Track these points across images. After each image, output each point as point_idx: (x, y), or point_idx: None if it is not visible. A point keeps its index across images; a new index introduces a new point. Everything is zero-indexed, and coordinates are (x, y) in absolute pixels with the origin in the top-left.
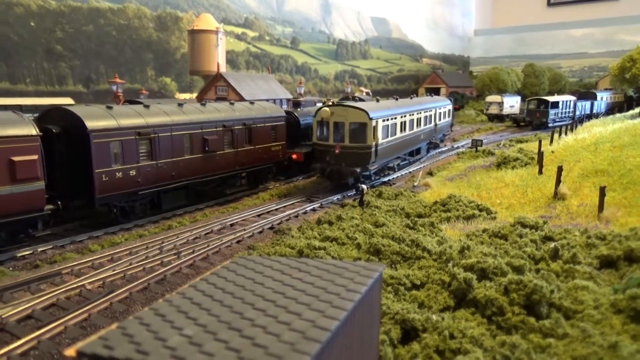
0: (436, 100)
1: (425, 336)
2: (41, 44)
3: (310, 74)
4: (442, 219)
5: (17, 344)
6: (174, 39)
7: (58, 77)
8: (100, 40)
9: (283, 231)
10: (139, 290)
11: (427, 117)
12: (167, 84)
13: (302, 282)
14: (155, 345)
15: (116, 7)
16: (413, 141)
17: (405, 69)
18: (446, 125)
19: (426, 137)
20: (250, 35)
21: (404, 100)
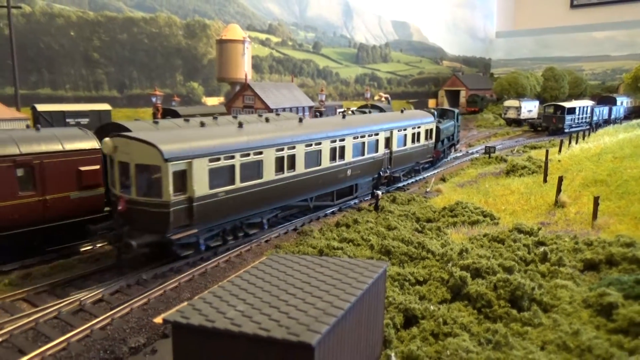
0: (398, 118)
1: (423, 322)
2: (80, 52)
3: (331, 77)
4: (448, 224)
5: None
6: (201, 45)
7: (95, 83)
8: (134, 47)
9: (305, 232)
10: (185, 281)
11: (361, 144)
12: (194, 88)
13: (323, 274)
14: (218, 317)
15: (148, 16)
16: (315, 182)
17: (425, 71)
18: (423, 150)
19: (366, 172)
20: (273, 40)
21: (322, 120)
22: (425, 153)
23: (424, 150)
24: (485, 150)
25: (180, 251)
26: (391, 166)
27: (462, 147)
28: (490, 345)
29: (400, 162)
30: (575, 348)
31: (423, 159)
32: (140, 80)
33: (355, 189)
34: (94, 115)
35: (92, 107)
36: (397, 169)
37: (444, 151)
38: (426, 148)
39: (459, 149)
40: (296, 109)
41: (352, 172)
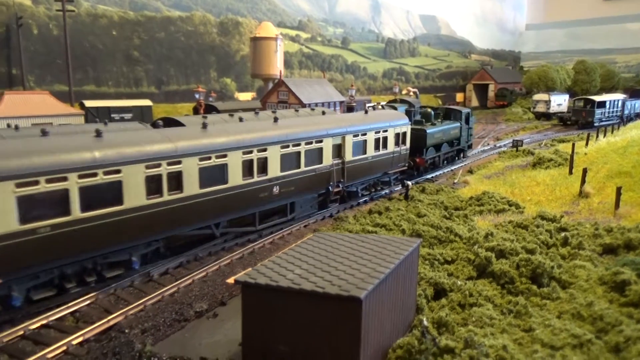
0: (355, 120)
1: (451, 295)
2: (121, 50)
3: (359, 72)
4: (475, 212)
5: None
6: (234, 42)
7: (135, 80)
8: (171, 45)
9: (341, 218)
10: (237, 259)
11: (295, 154)
12: (227, 84)
13: (364, 248)
14: (279, 278)
15: (184, 15)
16: (218, 205)
17: (453, 65)
18: (391, 159)
19: (305, 187)
20: (303, 36)
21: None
22: (396, 161)
23: (392, 159)
24: (513, 143)
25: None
26: (344, 179)
27: (490, 140)
28: (512, 314)
29: (357, 174)
30: (588, 317)
31: (392, 169)
32: (177, 77)
33: (290, 209)
34: (136, 111)
35: (134, 102)
36: (355, 182)
37: (437, 159)
38: (396, 156)
39: (476, 151)
40: (327, 104)
41: (282, 189)
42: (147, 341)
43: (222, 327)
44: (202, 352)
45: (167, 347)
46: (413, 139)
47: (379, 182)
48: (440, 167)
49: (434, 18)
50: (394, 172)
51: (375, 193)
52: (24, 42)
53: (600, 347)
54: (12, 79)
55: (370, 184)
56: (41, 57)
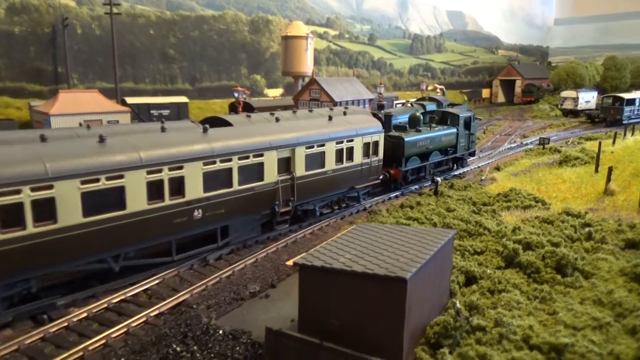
0: (310, 128)
1: (481, 282)
2: (157, 48)
3: (385, 68)
4: (503, 208)
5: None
6: (264, 40)
7: (170, 77)
8: (204, 43)
9: (375, 212)
10: (282, 247)
11: (226, 171)
12: (257, 80)
13: (405, 237)
14: (332, 261)
15: (217, 14)
16: (110, 236)
17: (479, 61)
18: (359, 172)
19: (241, 209)
20: (331, 33)
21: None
22: (365, 175)
23: (361, 172)
24: (540, 141)
25: None
26: (294, 197)
27: (517, 138)
28: (537, 299)
29: (312, 191)
30: (608, 303)
31: (361, 183)
32: (209, 74)
33: (223, 234)
34: (173, 107)
35: (171, 99)
36: (309, 200)
37: (423, 170)
38: (365, 168)
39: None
40: (357, 102)
41: (207, 212)
42: (211, 315)
43: (274, 306)
44: (260, 328)
45: (228, 322)
46: (389, 148)
47: (344, 198)
48: (426, 178)
49: (460, 14)
50: (364, 187)
51: (340, 210)
52: (68, 41)
53: (618, 329)
54: (58, 76)
55: (333, 201)
56: (84, 56)
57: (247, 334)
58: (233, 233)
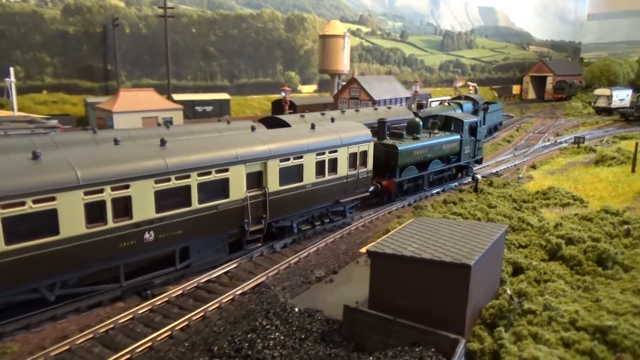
0: (284, 139)
1: (528, 272)
2: (199, 46)
3: (416, 65)
4: (542, 205)
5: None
6: (299, 37)
7: (210, 74)
8: (242, 41)
9: (421, 207)
10: (338, 238)
11: (182, 188)
12: (292, 77)
13: (463, 230)
14: (401, 250)
15: (255, 13)
16: (44, 263)
17: (510, 57)
18: (344, 185)
19: (203, 229)
20: (363, 30)
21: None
22: (351, 188)
23: (346, 184)
24: (575, 140)
25: None
26: (267, 215)
27: (551, 136)
28: (580, 289)
29: (288, 207)
30: None
31: (347, 196)
32: (247, 71)
33: (183, 256)
34: (216, 104)
35: (214, 96)
36: (286, 217)
37: (421, 181)
38: (352, 181)
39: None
40: (395, 100)
41: (161, 234)
42: (287, 296)
43: (339, 289)
44: (329, 307)
45: (301, 301)
46: (382, 157)
47: (327, 212)
48: (425, 189)
49: (492, 10)
50: (351, 200)
51: (322, 226)
52: (117, 40)
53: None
54: (108, 74)
55: (315, 216)
56: (131, 54)
57: (320, 312)
58: (195, 255)
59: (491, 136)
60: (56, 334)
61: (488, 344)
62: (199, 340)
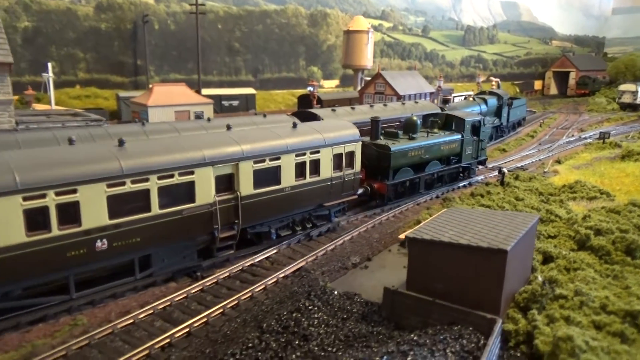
0: (258, 139)
1: (558, 261)
2: (224, 42)
3: (437, 60)
4: (569, 198)
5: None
6: (322, 33)
7: (235, 69)
8: (267, 37)
9: (449, 199)
10: (371, 227)
11: (142, 192)
12: (314, 72)
13: (496, 219)
14: (438, 236)
15: (279, 9)
16: None
17: (532, 52)
18: (328, 187)
19: (167, 235)
20: (385, 26)
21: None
22: (336, 190)
23: (331, 187)
24: (600, 135)
25: None
26: (240, 220)
27: (575, 131)
28: (610, 277)
29: (263, 212)
30: None
31: (332, 200)
32: (270, 66)
33: (144, 265)
34: (242, 98)
35: (240, 91)
36: (262, 222)
37: (418, 182)
38: (337, 183)
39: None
40: (419, 95)
41: (116, 242)
42: (326, 280)
43: (374, 275)
44: (366, 291)
45: (339, 285)
46: (374, 158)
47: (310, 217)
48: (421, 192)
49: (515, 4)
50: (338, 204)
51: (304, 232)
52: (147, 36)
53: None
54: (137, 69)
55: (296, 221)
56: (160, 50)
57: (358, 295)
58: (158, 263)
59: (515, 131)
60: (119, 309)
61: (522, 325)
62: (249, 317)
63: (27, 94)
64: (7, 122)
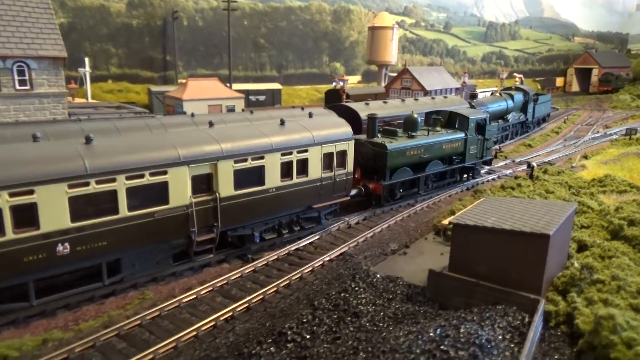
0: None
1: (592, 249)
2: (250, 38)
3: (458, 56)
4: (599, 191)
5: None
6: (344, 29)
7: (260, 65)
8: (291, 33)
9: (480, 191)
10: (406, 216)
11: (108, 193)
12: (337, 68)
13: (535, 207)
14: (482, 222)
15: (303, 5)
16: None
17: (554, 48)
18: (317, 188)
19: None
20: (407, 22)
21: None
22: (326, 191)
23: (320, 187)
24: (626, 132)
25: None
26: (219, 223)
27: (600, 128)
28: None
29: (246, 214)
30: None
31: (322, 201)
32: (294, 62)
33: (113, 269)
34: (268, 94)
35: (267, 86)
36: (244, 225)
37: (419, 182)
38: (327, 184)
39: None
40: (445, 90)
41: (80, 246)
42: (368, 264)
43: (413, 260)
44: (407, 275)
45: (381, 269)
46: (370, 157)
47: (299, 219)
48: (421, 194)
49: (537, 1)
50: (328, 205)
51: (291, 235)
52: (176, 32)
53: None
54: (166, 64)
55: (283, 223)
56: (188, 46)
57: (400, 278)
58: (128, 268)
59: (539, 127)
60: (181, 286)
61: (562, 307)
62: (301, 295)
63: (70, 88)
64: (61, 114)
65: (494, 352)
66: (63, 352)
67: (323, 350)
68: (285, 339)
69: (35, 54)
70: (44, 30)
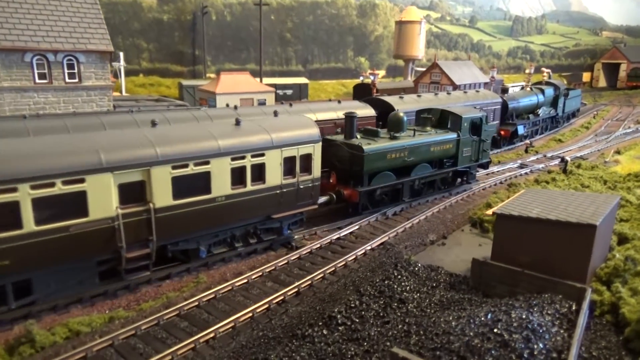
0: (183, 140)
1: (633, 242)
2: (276, 33)
3: (483, 51)
4: (636, 186)
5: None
6: (370, 23)
7: (286, 59)
8: (316, 27)
9: (514, 184)
10: (443, 208)
11: (10, 205)
12: (361, 63)
13: (578, 199)
14: (526, 212)
15: (330, 0)
16: None
17: (581, 43)
18: (278, 195)
19: (57, 255)
20: (433, 16)
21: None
22: (288, 200)
23: (281, 195)
24: None
25: None
26: (154, 237)
27: (631, 124)
28: None
29: (188, 226)
30: None
31: (283, 210)
32: (319, 56)
33: (23, 291)
34: (296, 88)
35: (294, 80)
36: (190, 238)
37: (403, 188)
38: (289, 191)
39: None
40: (474, 85)
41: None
42: (409, 253)
43: (452, 251)
44: (447, 265)
45: (421, 259)
46: (346, 160)
47: (256, 231)
48: (405, 200)
49: None
50: (292, 215)
51: (246, 248)
52: (205, 27)
53: None
54: (195, 58)
55: (236, 235)
56: (216, 40)
57: (441, 267)
58: (42, 289)
59: (568, 122)
60: (232, 271)
61: (607, 296)
62: (348, 282)
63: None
64: (106, 106)
65: (546, 337)
66: (130, 329)
67: (374, 333)
68: (336, 322)
69: (84, 47)
70: (91, 25)
